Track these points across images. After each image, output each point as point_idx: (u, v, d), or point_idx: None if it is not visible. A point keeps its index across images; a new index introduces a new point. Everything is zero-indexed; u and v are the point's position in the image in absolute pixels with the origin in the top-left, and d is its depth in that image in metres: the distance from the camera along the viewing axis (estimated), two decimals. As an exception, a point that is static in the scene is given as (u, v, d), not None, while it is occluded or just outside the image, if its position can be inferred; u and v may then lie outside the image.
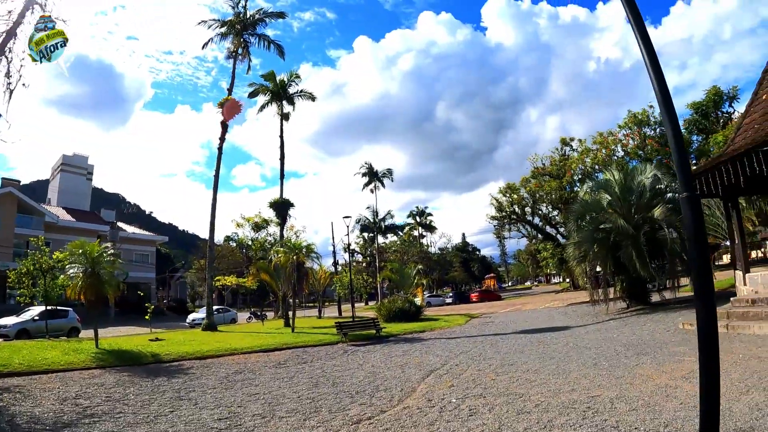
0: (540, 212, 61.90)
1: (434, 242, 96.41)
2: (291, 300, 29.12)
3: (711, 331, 3.75)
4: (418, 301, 35.33)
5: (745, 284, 15.16)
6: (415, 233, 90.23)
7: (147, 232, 65.45)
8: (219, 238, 63.06)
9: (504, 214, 63.13)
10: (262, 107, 40.78)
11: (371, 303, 65.97)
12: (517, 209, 62.21)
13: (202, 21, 34.32)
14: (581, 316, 23.21)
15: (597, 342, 14.31)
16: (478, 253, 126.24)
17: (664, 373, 9.00)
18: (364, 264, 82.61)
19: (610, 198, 24.08)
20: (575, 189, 49.84)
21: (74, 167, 63.99)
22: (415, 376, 11.29)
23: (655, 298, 24.37)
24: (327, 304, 64.43)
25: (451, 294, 69.57)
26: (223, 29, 34.00)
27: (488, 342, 17.03)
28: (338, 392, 9.95)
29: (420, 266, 47.49)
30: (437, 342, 18.44)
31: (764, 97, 14.00)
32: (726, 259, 40.63)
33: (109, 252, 19.31)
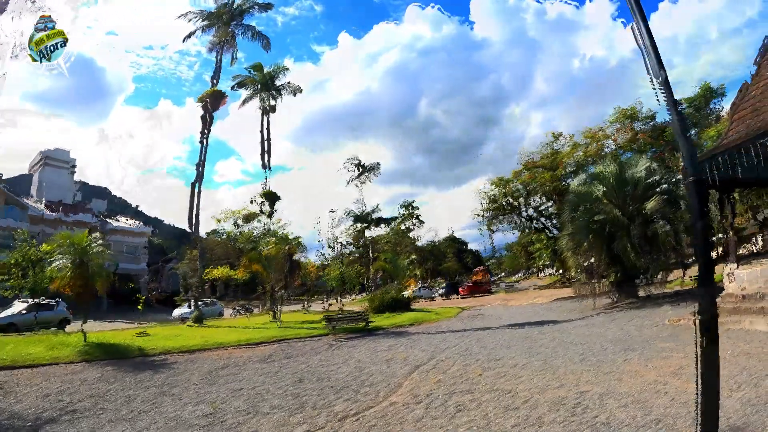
0: (533, 203, 61.88)
1: (421, 236, 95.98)
2: (279, 293, 28.96)
3: (712, 318, 3.64)
4: (406, 293, 35.35)
5: (734, 280, 15.15)
6: (404, 226, 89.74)
7: (136, 223, 64.89)
8: (204, 233, 62.63)
9: (497, 205, 63.02)
10: (246, 100, 40.49)
11: (361, 295, 65.68)
12: (511, 200, 62.11)
13: (186, 13, 33.91)
14: (568, 311, 23.24)
15: (584, 337, 14.28)
16: (466, 246, 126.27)
17: (652, 369, 8.94)
18: (357, 255, 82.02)
19: (605, 189, 24.03)
20: (569, 181, 49.86)
21: (56, 161, 63.53)
22: (401, 371, 11.16)
23: (642, 292, 24.46)
24: (315, 297, 64.16)
25: (444, 285, 68.70)
26: (207, 21, 33.60)
27: (475, 337, 16.95)
28: (323, 388, 9.81)
29: (414, 256, 47.29)
30: (424, 336, 18.35)
31: (753, 93, 14.04)
32: (713, 254, 40.84)
33: (97, 243, 19.09)
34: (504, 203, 62.48)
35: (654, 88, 3.66)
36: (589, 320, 18.87)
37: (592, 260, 24.87)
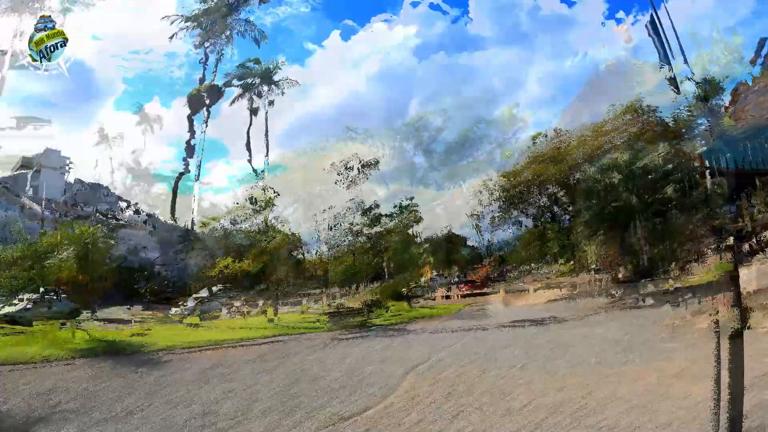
0: (547, 191, 61.38)
1: (420, 233, 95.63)
2: (278, 290, 28.88)
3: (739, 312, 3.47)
4: (405, 290, 35.29)
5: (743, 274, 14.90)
6: (403, 224, 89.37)
7: (140, 218, 64.88)
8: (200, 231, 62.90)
9: (509, 195, 62.40)
10: (241, 95, 40.23)
11: (371, 286, 65.12)
12: (523, 189, 61.51)
13: (174, 15, 33.73)
14: (569, 310, 22.94)
15: (584, 337, 14.05)
16: (465, 242, 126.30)
17: (654, 371, 8.72)
18: (369, 245, 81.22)
19: (621, 176, 23.69)
20: (578, 173, 49.54)
21: (50, 161, 63.61)
22: (398, 371, 10.88)
23: (643, 289, 24.20)
24: (318, 292, 63.91)
25: (457, 277, 66.86)
26: (204, 18, 33.46)
27: (474, 336, 16.70)
28: (318, 389, 9.60)
29: (427, 245, 47.02)
30: (422, 335, 18.09)
31: (757, 88, 14.10)
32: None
33: (101, 235, 18.99)
34: (516, 192, 61.91)
35: (675, 79, 3.46)
36: (590, 319, 18.61)
37: (605, 250, 24.55)
